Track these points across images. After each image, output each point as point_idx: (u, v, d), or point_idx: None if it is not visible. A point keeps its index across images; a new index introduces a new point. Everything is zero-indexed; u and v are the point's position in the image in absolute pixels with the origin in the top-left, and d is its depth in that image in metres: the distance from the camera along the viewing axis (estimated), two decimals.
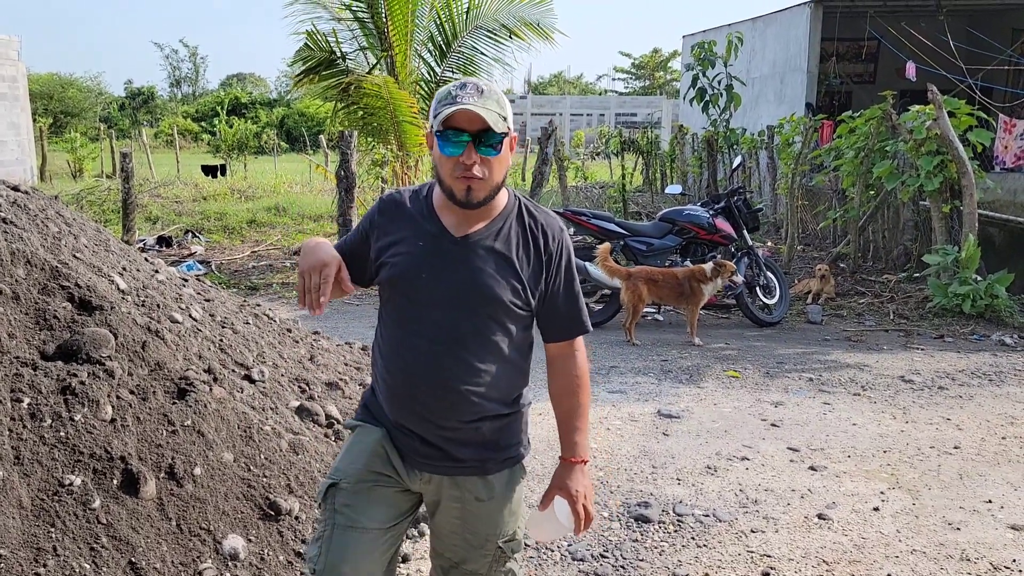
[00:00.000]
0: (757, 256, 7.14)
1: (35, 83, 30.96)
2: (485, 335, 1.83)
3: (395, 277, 1.84)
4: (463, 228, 1.84)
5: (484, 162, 1.76)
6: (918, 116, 7.71)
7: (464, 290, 1.81)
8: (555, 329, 1.94)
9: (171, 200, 13.94)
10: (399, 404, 1.86)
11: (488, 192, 1.79)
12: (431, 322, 1.82)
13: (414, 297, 1.83)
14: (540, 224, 1.89)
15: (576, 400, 1.94)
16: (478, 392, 1.82)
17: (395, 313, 1.87)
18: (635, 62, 50.33)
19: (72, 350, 2.68)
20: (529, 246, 1.87)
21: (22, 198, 3.29)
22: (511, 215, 1.88)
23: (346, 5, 9.65)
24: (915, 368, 5.69)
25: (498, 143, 1.76)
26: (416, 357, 1.82)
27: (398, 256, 1.84)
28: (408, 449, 1.87)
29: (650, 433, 4.41)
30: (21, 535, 2.21)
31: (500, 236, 1.85)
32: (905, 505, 3.57)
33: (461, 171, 1.75)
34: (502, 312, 1.83)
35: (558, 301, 1.91)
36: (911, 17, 13.00)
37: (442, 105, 1.75)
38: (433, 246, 1.83)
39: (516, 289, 1.83)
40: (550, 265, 1.88)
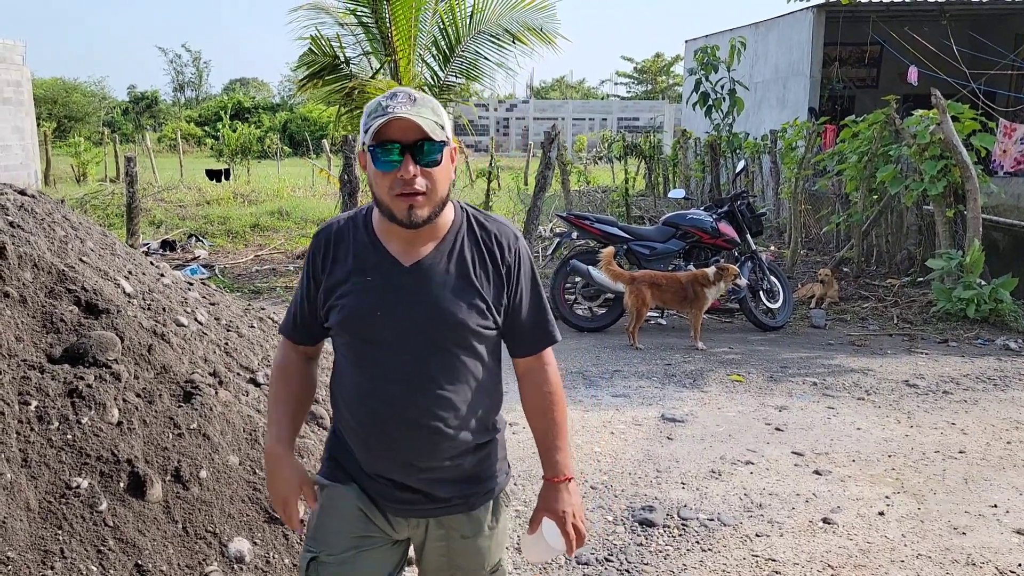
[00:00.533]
0: (760, 260, 7.15)
1: (39, 87, 31.06)
2: (456, 366, 1.69)
3: (347, 320, 1.69)
4: (412, 254, 1.69)
5: (425, 175, 1.60)
6: (922, 121, 7.72)
7: (426, 323, 1.66)
8: (522, 343, 1.82)
9: (175, 204, 13.97)
10: (373, 454, 1.71)
11: (433, 208, 1.63)
12: (395, 363, 1.67)
13: (372, 338, 1.67)
14: (493, 235, 1.75)
15: (552, 417, 1.82)
16: (456, 426, 1.70)
17: (353, 357, 1.72)
18: (637, 66, 50.38)
19: (79, 353, 2.68)
20: (486, 261, 1.72)
21: (29, 202, 3.31)
22: (461, 230, 1.73)
23: (350, 10, 9.67)
24: (919, 372, 5.69)
25: (438, 153, 1.61)
26: (385, 404, 1.67)
27: (346, 296, 1.69)
28: (388, 498, 1.74)
29: (654, 437, 4.41)
30: (29, 537, 2.21)
31: (454, 256, 1.70)
32: (910, 510, 3.57)
33: (400, 187, 1.59)
34: (471, 338, 1.69)
35: (522, 314, 1.78)
36: (914, 22, 13.01)
37: (372, 118, 1.60)
38: (383, 280, 1.68)
39: (481, 310, 1.69)
40: (510, 277, 1.74)
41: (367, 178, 1.67)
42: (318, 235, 1.77)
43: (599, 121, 41.63)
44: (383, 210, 1.65)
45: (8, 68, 16.52)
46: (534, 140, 27.34)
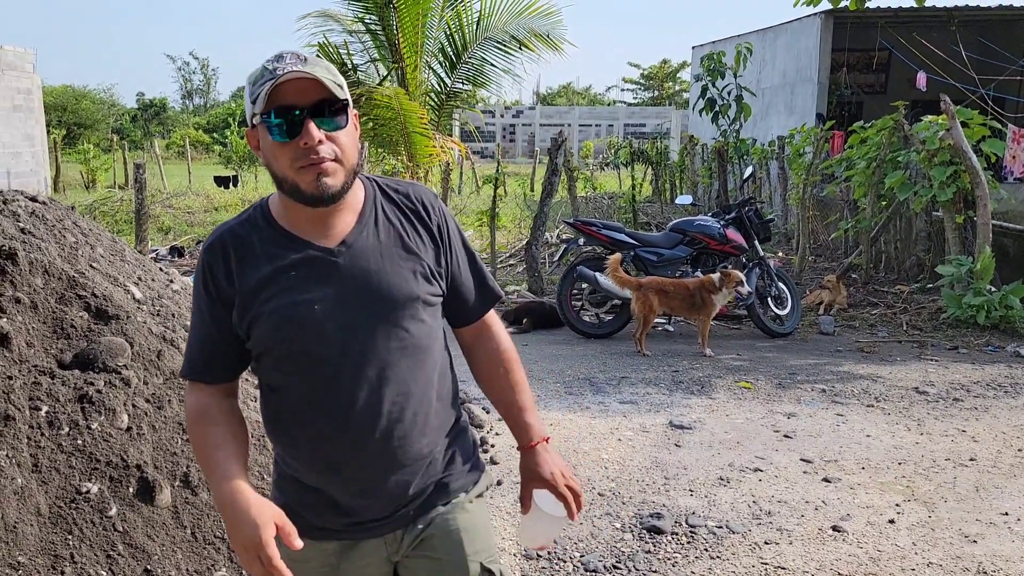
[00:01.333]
0: (768, 267, 7.13)
1: (49, 95, 31.26)
2: (411, 345, 1.50)
3: (280, 326, 1.44)
4: (332, 235, 1.48)
5: (332, 139, 1.40)
6: (931, 126, 7.70)
7: (372, 304, 1.46)
8: (467, 309, 1.65)
9: (183, 211, 14.04)
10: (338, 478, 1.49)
11: (345, 179, 1.43)
12: (348, 361, 1.45)
13: (315, 336, 1.44)
14: (412, 196, 1.57)
15: (513, 379, 1.66)
16: (425, 412, 1.52)
17: (292, 371, 1.47)
18: (644, 73, 50.43)
19: (89, 359, 2.70)
20: (415, 224, 1.55)
21: (40, 208, 3.33)
22: (377, 199, 1.55)
23: (359, 18, 9.71)
24: (929, 379, 5.66)
25: (343, 114, 1.42)
26: (348, 411, 1.45)
27: (271, 301, 1.44)
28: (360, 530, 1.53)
29: (662, 444, 4.40)
30: (39, 542, 2.22)
31: (380, 225, 1.51)
32: (921, 517, 3.55)
33: (305, 157, 1.38)
34: (422, 310, 1.51)
35: (461, 276, 1.62)
36: (923, 27, 12.99)
37: (260, 84, 1.38)
38: (310, 270, 1.46)
39: (427, 276, 1.53)
40: (442, 237, 1.58)
41: (262, 159, 1.46)
42: (210, 247, 1.50)
43: (606, 127, 41.67)
44: (287, 189, 1.43)
45: (19, 76, 16.64)
46: (540, 146, 27.39)
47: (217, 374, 1.54)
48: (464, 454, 1.65)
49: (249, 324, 1.46)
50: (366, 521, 1.53)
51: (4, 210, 3.16)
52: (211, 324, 1.50)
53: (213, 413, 1.52)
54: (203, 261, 1.49)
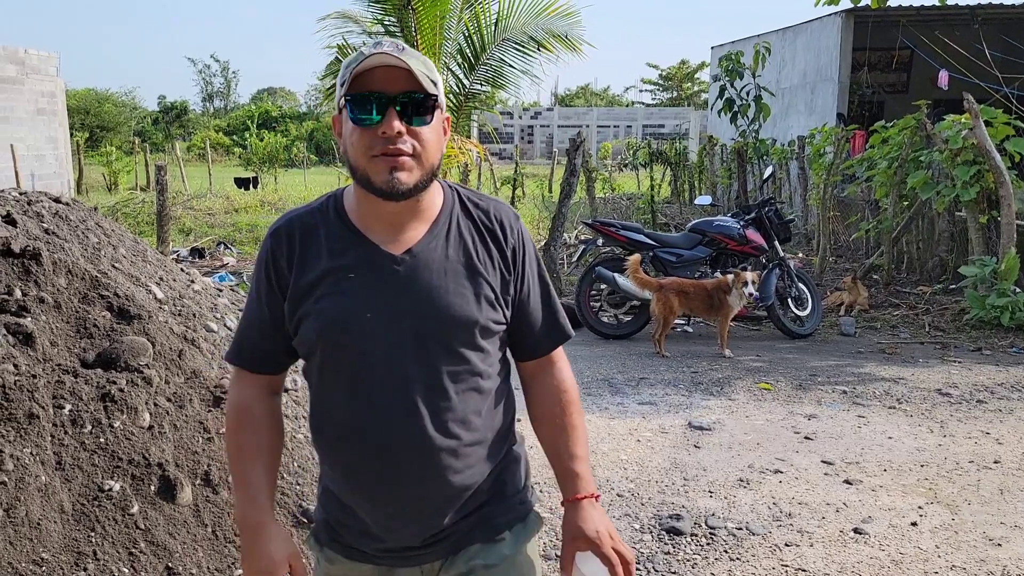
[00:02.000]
0: (789, 267, 7.08)
1: (72, 98, 31.70)
2: (463, 371, 1.40)
3: (327, 329, 1.37)
4: (400, 241, 1.40)
5: (413, 134, 1.33)
6: (954, 125, 7.61)
7: (427, 321, 1.37)
8: (531, 343, 1.53)
9: (204, 212, 14.16)
10: (375, 497, 1.41)
11: (420, 176, 1.34)
12: (394, 375, 1.37)
13: (361, 348, 1.37)
14: (491, 214, 1.46)
15: (571, 423, 1.53)
16: (467, 443, 1.41)
17: (338, 379, 1.40)
18: (663, 73, 50.27)
19: (111, 358, 2.72)
20: (488, 244, 1.44)
21: (63, 209, 3.36)
22: (455, 210, 1.45)
23: (378, 19, 9.76)
24: (952, 381, 5.59)
25: (430, 109, 1.34)
26: (386, 427, 1.37)
27: (324, 300, 1.37)
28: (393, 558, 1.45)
29: (681, 445, 4.38)
30: (62, 539, 2.25)
31: (451, 239, 1.41)
32: (944, 520, 3.50)
33: (381, 146, 1.31)
34: (481, 336, 1.41)
35: (531, 307, 1.50)
36: (945, 25, 12.84)
37: (350, 66, 1.33)
38: (370, 274, 1.38)
39: (491, 301, 1.42)
40: (515, 263, 1.46)
41: (340, 146, 1.40)
42: (275, 232, 1.44)
43: (624, 128, 41.58)
44: (359, 179, 1.36)
45: (42, 79, 16.86)
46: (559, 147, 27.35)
47: (262, 364, 1.49)
48: (512, 487, 1.52)
49: (298, 321, 1.40)
50: (398, 549, 1.45)
51: (28, 211, 3.20)
52: (265, 311, 1.45)
53: (255, 415, 1.49)
54: (266, 246, 1.44)
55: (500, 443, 1.49)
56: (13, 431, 2.37)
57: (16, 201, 3.27)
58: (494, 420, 1.47)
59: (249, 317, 1.48)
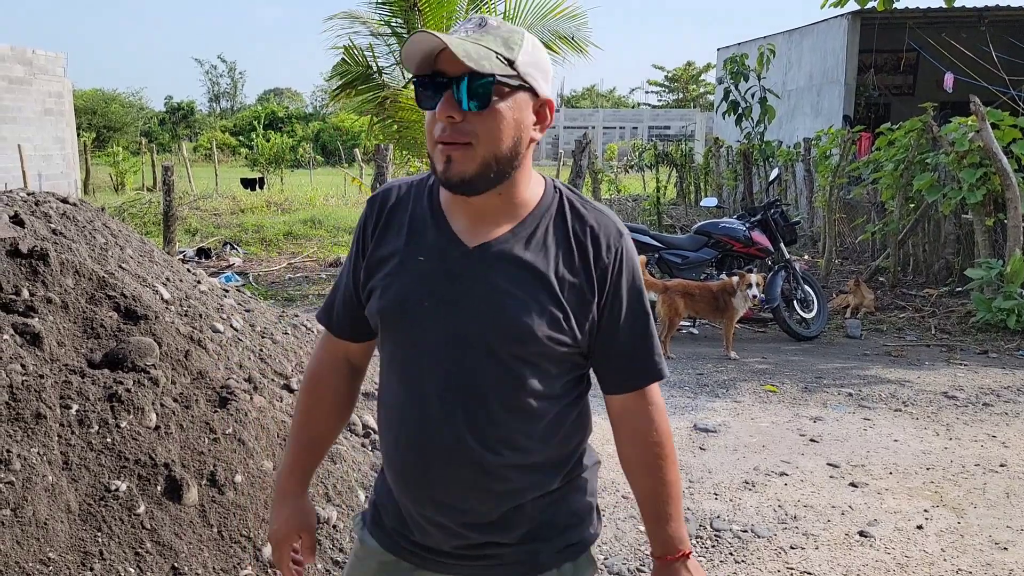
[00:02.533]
0: (795, 269, 7.07)
1: (79, 99, 31.81)
2: (513, 386, 1.31)
3: (387, 308, 1.34)
4: (479, 233, 1.32)
5: (472, 120, 1.23)
6: (960, 128, 7.59)
7: (479, 323, 1.29)
8: (616, 375, 1.39)
9: (210, 213, 14.19)
10: (408, 487, 1.37)
11: (478, 167, 1.25)
12: (438, 370, 1.31)
13: (414, 335, 1.33)
14: (589, 226, 1.34)
15: (660, 476, 1.40)
16: (511, 464, 1.32)
17: (392, 359, 1.38)
18: (668, 75, 50.24)
19: (118, 358, 2.73)
20: (574, 258, 1.32)
21: (71, 210, 3.38)
22: (548, 213, 1.35)
23: (385, 21, 9.77)
24: (958, 384, 5.58)
25: (485, 91, 1.22)
26: (421, 421, 1.33)
27: (391, 277, 1.34)
28: (423, 553, 1.40)
29: (686, 447, 4.37)
30: (69, 539, 2.26)
31: (532, 243, 1.32)
32: (950, 524, 3.49)
33: (439, 132, 1.24)
34: (537, 352, 1.30)
35: (618, 335, 1.36)
36: (951, 28, 12.82)
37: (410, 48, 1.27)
38: (438, 262, 1.32)
39: (556, 320, 1.30)
40: (604, 284, 1.33)
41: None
42: (372, 199, 1.43)
43: (630, 130, 41.57)
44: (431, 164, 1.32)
45: (50, 80, 16.93)
46: (564, 149, 27.36)
47: (343, 328, 1.48)
48: (567, 520, 1.41)
49: (368, 292, 1.39)
50: (426, 549, 1.40)
51: (36, 211, 3.22)
52: (350, 276, 1.44)
53: (324, 384, 1.51)
54: (365, 211, 1.43)
55: (556, 470, 1.38)
56: (20, 431, 2.38)
57: (24, 202, 3.29)
58: (549, 446, 1.35)
59: (339, 280, 1.48)
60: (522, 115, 1.27)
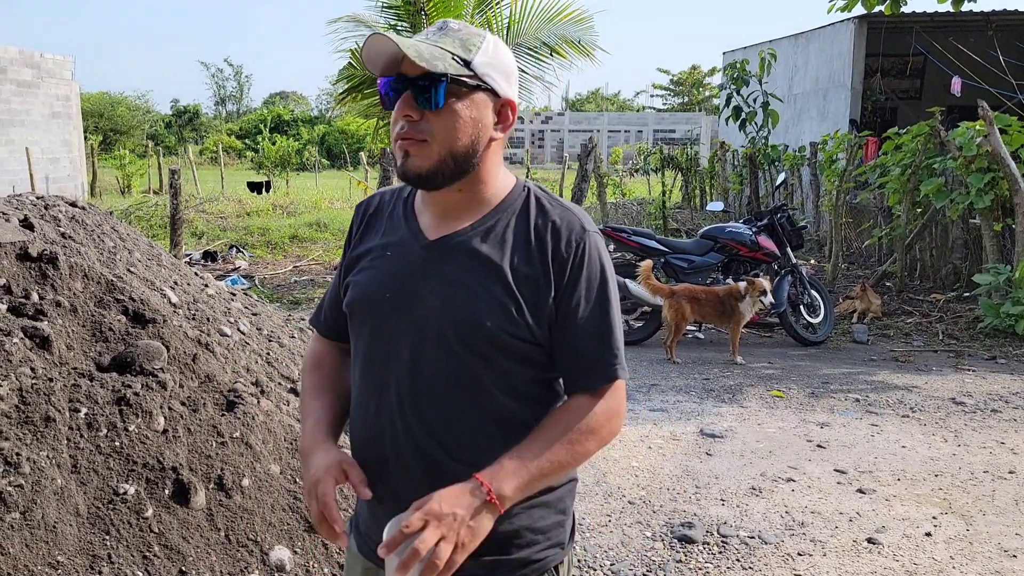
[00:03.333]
0: (801, 274, 7.05)
1: (87, 102, 31.93)
2: (469, 382, 1.30)
3: (354, 301, 1.39)
4: (441, 228, 1.36)
5: (428, 118, 1.27)
6: (968, 132, 7.57)
7: (434, 314, 1.30)
8: (569, 374, 1.36)
9: (216, 216, 14.22)
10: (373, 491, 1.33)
11: (434, 163, 1.28)
12: (396, 364, 1.33)
13: (375, 328, 1.36)
14: (552, 221, 1.33)
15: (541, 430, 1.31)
16: (470, 465, 1.27)
17: (356, 353, 1.42)
18: (673, 78, 50.24)
19: (126, 362, 2.74)
20: (531, 250, 1.31)
21: (80, 214, 3.39)
22: (512, 209, 1.36)
23: (391, 24, 9.79)
24: (966, 390, 5.55)
25: (435, 91, 1.26)
26: (378, 414, 1.34)
27: (361, 273, 1.40)
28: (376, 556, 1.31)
29: (692, 452, 4.36)
30: (77, 542, 2.26)
31: (491, 237, 1.33)
32: (959, 531, 3.48)
33: (397, 130, 1.30)
34: (491, 345, 1.29)
35: (574, 329, 1.32)
36: (959, 32, 12.79)
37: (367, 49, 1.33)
38: (400, 255, 1.36)
39: (508, 311, 1.28)
40: (562, 276, 1.31)
41: None
42: (359, 205, 1.50)
43: (635, 133, 41.56)
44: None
45: (58, 83, 17.00)
46: (569, 152, 27.38)
47: (327, 326, 1.54)
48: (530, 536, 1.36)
49: (345, 289, 1.44)
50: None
51: (45, 215, 3.23)
52: (339, 278, 1.50)
53: (326, 363, 1.52)
54: (352, 218, 1.51)
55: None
56: (30, 434, 2.39)
57: (33, 205, 3.30)
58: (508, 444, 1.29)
59: (332, 285, 1.54)
60: (480, 114, 1.30)
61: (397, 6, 9.42)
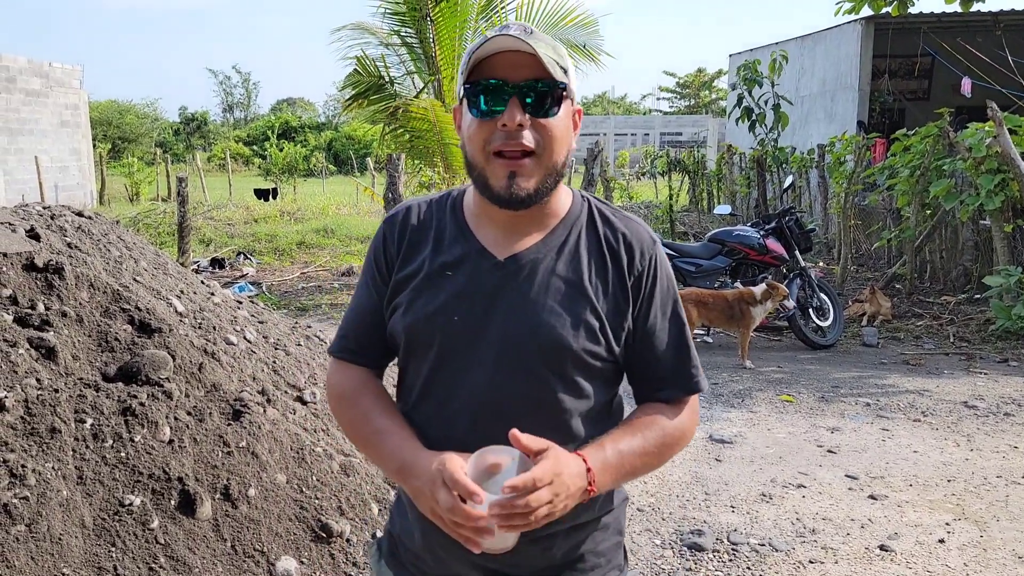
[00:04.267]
0: (810, 277, 7.01)
1: (95, 110, 32.11)
2: (548, 404, 1.25)
3: (414, 325, 1.27)
4: (509, 245, 1.27)
5: (538, 128, 1.20)
6: (977, 133, 7.52)
7: (513, 337, 1.23)
8: (651, 385, 1.33)
9: (224, 223, 14.25)
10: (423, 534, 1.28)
11: (542, 179, 1.22)
12: (469, 390, 1.25)
13: (444, 353, 1.26)
14: (621, 234, 1.30)
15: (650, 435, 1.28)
16: None
17: (417, 379, 1.30)
18: (680, 81, 50.20)
19: (132, 372, 2.73)
20: (607, 267, 1.28)
21: (86, 223, 3.39)
22: (579, 223, 1.31)
23: (395, 31, 9.81)
24: (978, 393, 5.50)
25: (557, 100, 1.20)
26: (448, 442, 1.23)
27: (417, 293, 1.28)
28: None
29: (702, 459, 4.33)
30: (83, 554, 2.25)
31: (564, 253, 1.27)
32: (972, 537, 3.43)
33: (501, 141, 1.19)
34: (574, 367, 1.25)
35: (656, 344, 1.31)
36: (967, 32, 12.72)
37: (472, 51, 1.23)
38: (468, 276, 1.27)
39: (593, 331, 1.25)
40: (639, 292, 1.29)
41: (461, 140, 1.28)
42: (391, 218, 1.36)
43: (641, 136, 41.51)
44: (476, 179, 1.25)
45: (66, 92, 17.10)
46: (576, 156, 27.40)
47: (368, 354, 1.37)
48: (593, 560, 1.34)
49: (392, 310, 1.31)
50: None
51: (52, 225, 3.23)
52: (374, 298, 1.35)
53: (372, 387, 1.36)
54: (381, 231, 1.36)
55: (587, 503, 1.24)
56: (36, 445, 2.38)
57: (40, 215, 3.30)
58: None
59: (355, 307, 1.39)
60: (570, 123, 1.26)
61: (402, 12, 9.44)
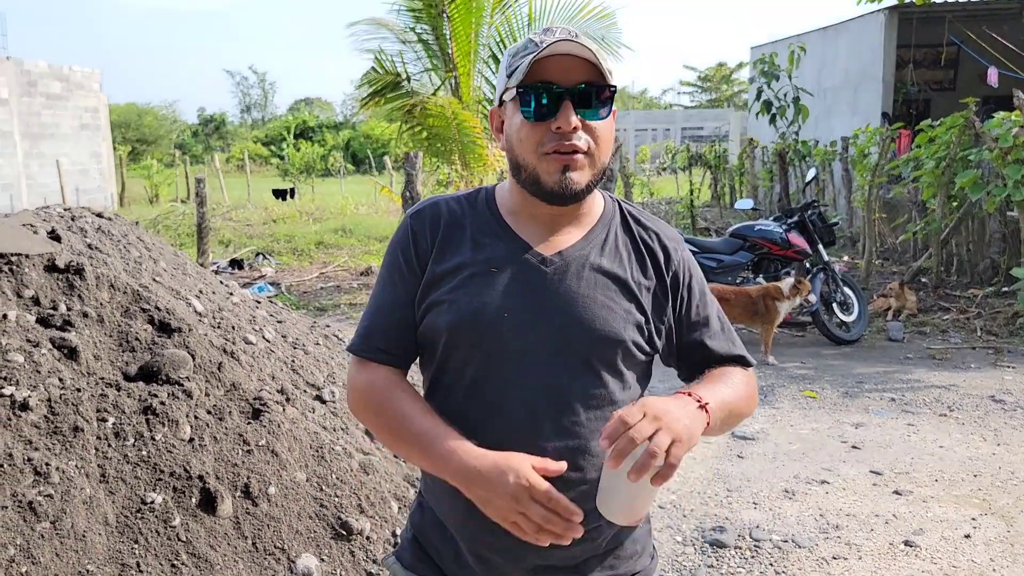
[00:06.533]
0: (834, 271, 6.93)
1: (114, 113, 32.44)
2: (600, 395, 1.26)
3: (460, 323, 1.25)
4: (551, 242, 1.29)
5: (589, 129, 1.23)
6: (1004, 123, 7.39)
7: (568, 331, 1.25)
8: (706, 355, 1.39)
9: (242, 223, 14.36)
10: (478, 522, 1.22)
11: (592, 177, 1.25)
12: (521, 385, 1.24)
13: (494, 349, 1.25)
14: (654, 233, 1.36)
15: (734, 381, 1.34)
16: (590, 479, 1.24)
17: (459, 377, 1.28)
18: (701, 75, 49.87)
19: (153, 371, 2.75)
20: (646, 265, 1.33)
21: (106, 224, 3.42)
22: (614, 222, 1.35)
23: (410, 27, 9.81)
24: (1006, 388, 5.41)
25: (606, 102, 1.24)
26: (500, 442, 1.20)
27: (460, 291, 1.26)
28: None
29: (724, 455, 4.29)
30: (106, 551, 2.27)
31: (607, 250, 1.31)
32: (999, 532, 3.38)
33: (554, 143, 1.21)
34: (623, 359, 1.28)
35: (703, 334, 1.37)
36: (992, 20, 12.51)
37: (521, 56, 1.24)
38: (514, 271, 1.27)
39: (640, 324, 1.29)
40: (677, 288, 1.34)
41: (502, 142, 1.30)
42: (418, 214, 1.34)
43: (662, 131, 41.27)
44: (524, 179, 1.26)
45: (86, 95, 17.30)
46: None
47: (395, 353, 1.32)
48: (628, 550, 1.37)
49: (427, 308, 1.28)
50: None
51: (72, 226, 3.26)
52: (400, 295, 1.32)
53: (406, 387, 1.32)
54: (408, 226, 1.33)
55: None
56: (59, 444, 2.41)
57: (61, 217, 3.33)
58: None
59: (379, 303, 1.34)
60: (613, 123, 1.30)
61: (418, 9, 9.44)
